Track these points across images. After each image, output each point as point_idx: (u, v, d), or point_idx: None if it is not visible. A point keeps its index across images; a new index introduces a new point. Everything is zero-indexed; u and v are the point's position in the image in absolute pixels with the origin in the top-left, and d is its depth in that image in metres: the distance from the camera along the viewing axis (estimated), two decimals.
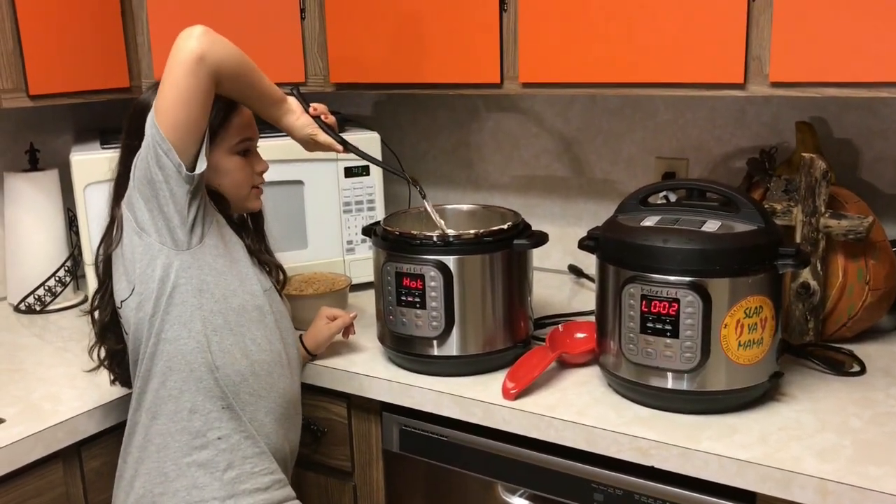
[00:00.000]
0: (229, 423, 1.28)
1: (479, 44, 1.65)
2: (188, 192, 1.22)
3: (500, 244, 1.47)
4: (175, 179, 1.21)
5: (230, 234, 1.33)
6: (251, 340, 1.30)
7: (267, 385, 1.32)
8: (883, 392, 1.37)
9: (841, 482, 1.11)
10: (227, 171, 1.34)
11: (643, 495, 1.29)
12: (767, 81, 1.40)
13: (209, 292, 1.26)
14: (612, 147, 1.97)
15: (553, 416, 1.33)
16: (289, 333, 1.39)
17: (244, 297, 1.30)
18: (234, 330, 1.28)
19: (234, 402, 1.29)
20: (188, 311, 1.25)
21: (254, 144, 1.39)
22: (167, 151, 1.19)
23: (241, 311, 1.29)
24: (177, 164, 1.20)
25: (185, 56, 1.17)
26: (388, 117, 2.26)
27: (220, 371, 1.27)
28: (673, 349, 1.28)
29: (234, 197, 1.36)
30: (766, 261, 1.28)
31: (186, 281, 1.25)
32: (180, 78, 1.18)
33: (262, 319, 1.32)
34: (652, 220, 1.37)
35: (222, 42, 1.21)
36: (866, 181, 1.70)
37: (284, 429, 1.36)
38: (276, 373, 1.33)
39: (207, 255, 1.27)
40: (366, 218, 1.93)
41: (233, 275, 1.29)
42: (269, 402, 1.32)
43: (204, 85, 1.19)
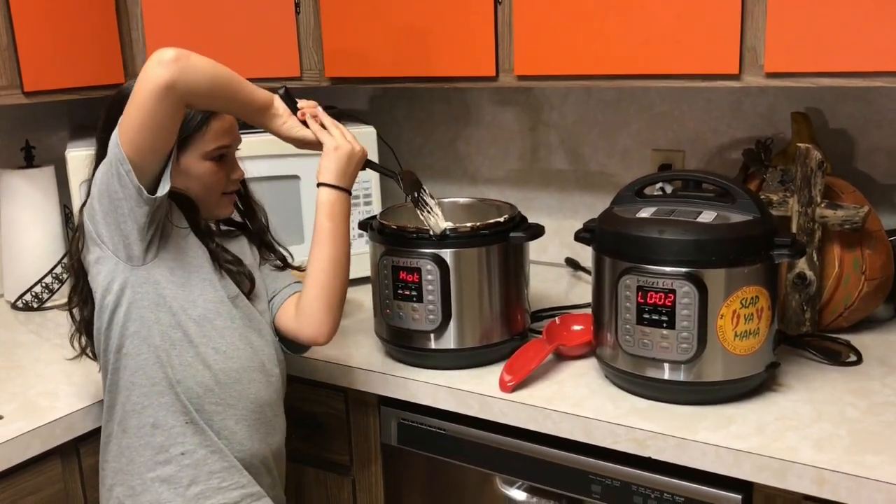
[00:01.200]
0: (193, 438, 1.27)
1: (475, 37, 1.64)
2: (147, 213, 1.19)
3: (496, 237, 1.47)
4: (135, 200, 1.18)
5: (191, 244, 1.29)
6: (213, 350, 1.27)
7: (235, 393, 1.29)
8: (879, 381, 1.37)
9: (837, 471, 1.12)
10: (198, 175, 1.30)
11: (640, 486, 1.29)
12: (762, 72, 1.40)
13: (166, 306, 1.24)
14: (608, 139, 1.97)
15: (550, 408, 1.33)
16: (262, 337, 1.35)
17: (205, 307, 1.27)
18: (195, 342, 1.26)
19: (197, 417, 1.27)
20: (146, 327, 1.24)
21: (231, 150, 1.35)
22: (128, 173, 1.16)
23: (201, 321, 1.26)
24: (137, 187, 1.17)
25: (153, 83, 1.12)
26: (384, 112, 2.26)
27: (182, 385, 1.25)
28: (669, 340, 1.28)
29: (203, 202, 1.32)
30: (762, 251, 1.28)
31: (143, 296, 1.23)
32: (147, 104, 1.13)
33: (226, 327, 1.28)
34: (648, 211, 1.37)
35: (195, 65, 1.15)
36: (862, 171, 1.70)
37: (262, 433, 1.34)
38: (244, 379, 1.30)
39: (164, 268, 1.24)
40: (362, 212, 1.93)
41: (192, 285, 1.26)
42: (240, 409, 1.30)
43: (171, 111, 1.15)
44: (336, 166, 1.31)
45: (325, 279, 1.31)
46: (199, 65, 1.16)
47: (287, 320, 1.37)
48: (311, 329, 1.32)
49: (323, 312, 1.31)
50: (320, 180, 1.32)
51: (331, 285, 1.31)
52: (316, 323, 1.32)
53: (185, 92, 1.14)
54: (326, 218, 1.31)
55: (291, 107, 1.32)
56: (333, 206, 1.31)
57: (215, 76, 1.18)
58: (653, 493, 1.28)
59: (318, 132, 1.32)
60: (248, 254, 1.41)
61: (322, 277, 1.31)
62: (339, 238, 1.32)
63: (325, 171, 1.32)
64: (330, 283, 1.31)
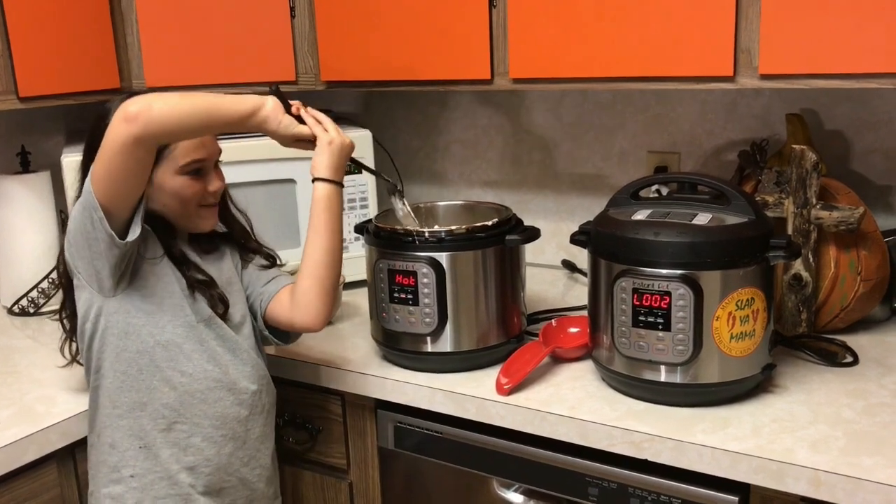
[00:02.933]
0: (144, 463, 1.31)
1: (470, 40, 1.65)
2: (118, 256, 1.23)
3: (492, 240, 1.47)
4: (107, 244, 1.21)
5: (164, 270, 1.30)
6: (180, 373, 1.30)
7: (199, 412, 1.32)
8: (875, 383, 1.37)
9: (834, 473, 1.12)
10: (172, 191, 1.29)
11: (637, 488, 1.29)
12: (757, 74, 1.40)
13: (135, 334, 1.28)
14: (603, 142, 1.98)
15: (547, 411, 1.33)
16: (237, 355, 1.36)
17: (174, 332, 1.29)
18: (161, 366, 1.29)
19: (154, 442, 1.30)
20: (115, 353, 1.29)
21: (208, 163, 1.33)
22: (101, 220, 1.19)
23: (169, 346, 1.29)
24: (109, 234, 1.20)
25: (120, 140, 1.14)
26: (381, 115, 2.26)
27: (148, 407, 1.30)
28: (665, 342, 1.28)
29: (180, 217, 1.33)
30: (758, 253, 1.28)
31: (114, 324, 1.28)
32: (116, 159, 1.16)
33: (193, 350, 1.31)
34: (643, 213, 1.37)
35: (160, 112, 1.15)
36: (857, 172, 1.71)
37: (230, 449, 1.35)
38: (210, 398, 1.32)
39: (135, 297, 1.28)
40: (359, 216, 1.93)
41: (162, 312, 1.29)
42: (206, 427, 1.32)
43: (142, 161, 1.18)
44: (331, 160, 1.32)
45: (322, 269, 1.34)
46: (164, 109, 1.16)
47: (281, 309, 1.39)
48: (308, 317, 1.35)
49: (318, 301, 1.34)
50: (317, 175, 1.33)
51: (326, 275, 1.34)
52: (313, 311, 1.34)
53: (153, 141, 1.17)
54: (324, 211, 1.33)
55: (283, 104, 1.31)
56: (331, 200, 1.33)
57: (184, 113, 1.18)
58: (650, 495, 1.28)
59: (313, 126, 1.32)
60: (228, 267, 1.41)
61: (319, 268, 1.34)
62: (334, 230, 1.34)
63: (321, 165, 1.32)
64: (326, 274, 1.34)
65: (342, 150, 1.34)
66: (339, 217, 1.35)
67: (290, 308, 1.37)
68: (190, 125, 1.20)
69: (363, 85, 1.86)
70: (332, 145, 1.32)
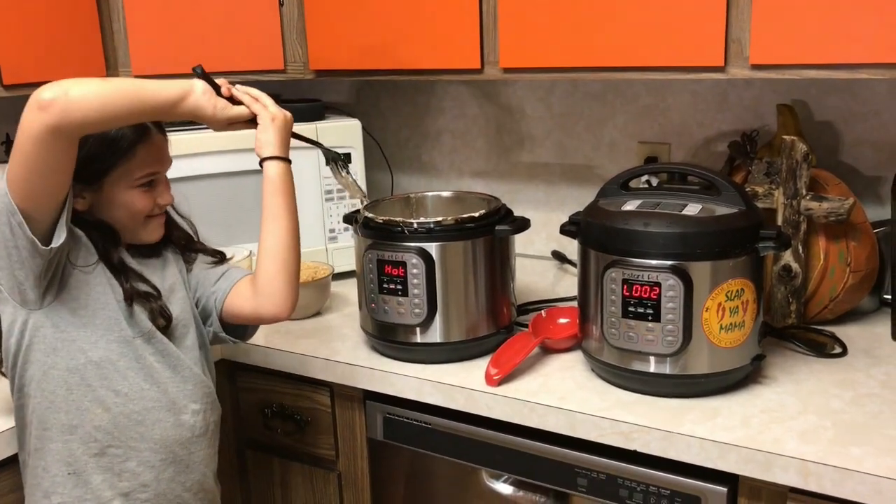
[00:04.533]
0: (73, 491, 1.22)
1: (459, 29, 1.63)
2: (42, 264, 1.13)
3: (481, 230, 1.46)
4: (29, 251, 1.11)
5: (97, 280, 1.20)
6: (114, 393, 1.21)
7: (136, 435, 1.23)
8: (864, 373, 1.38)
9: (822, 463, 1.12)
10: (122, 204, 1.22)
11: (626, 479, 1.29)
12: (748, 64, 1.39)
13: (65, 350, 1.19)
14: (594, 132, 1.97)
15: (536, 402, 1.33)
16: (178, 372, 1.27)
17: (107, 349, 1.20)
18: (93, 385, 1.20)
19: (85, 468, 1.21)
20: (41, 371, 1.19)
21: (160, 177, 1.27)
22: (20, 224, 1.09)
23: (102, 363, 1.20)
24: (30, 239, 1.10)
25: (35, 131, 1.04)
26: (370, 104, 2.24)
27: (79, 430, 1.20)
28: (655, 333, 1.28)
29: (127, 230, 1.25)
30: (747, 243, 1.28)
31: (40, 340, 1.18)
32: (33, 152, 1.05)
33: (129, 368, 1.22)
34: (633, 204, 1.36)
35: (77, 98, 1.05)
36: (847, 163, 1.70)
37: (171, 473, 1.27)
38: (147, 420, 1.23)
39: (64, 309, 1.18)
40: (348, 206, 1.92)
41: (95, 325, 1.20)
42: (142, 451, 1.24)
43: (62, 153, 1.07)
44: (276, 137, 1.25)
45: (284, 254, 1.26)
46: (82, 95, 1.06)
47: (243, 302, 1.30)
48: (274, 304, 1.27)
49: (284, 287, 1.26)
50: (265, 155, 1.25)
51: (289, 258, 1.27)
52: (280, 298, 1.26)
53: (73, 129, 1.06)
54: (277, 193, 1.26)
55: (212, 86, 1.21)
56: (284, 179, 1.26)
57: (106, 99, 1.08)
58: (638, 486, 1.28)
59: (250, 105, 1.24)
60: (171, 272, 1.32)
61: (281, 252, 1.26)
62: (291, 211, 1.27)
63: (268, 144, 1.25)
64: (288, 257, 1.27)
65: (286, 124, 1.26)
66: (293, 196, 1.27)
67: (253, 299, 1.28)
68: (112, 112, 1.09)
69: (352, 74, 1.84)
70: (276, 121, 1.25)
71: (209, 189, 1.77)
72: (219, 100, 1.21)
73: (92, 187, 1.21)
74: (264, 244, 1.27)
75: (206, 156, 1.78)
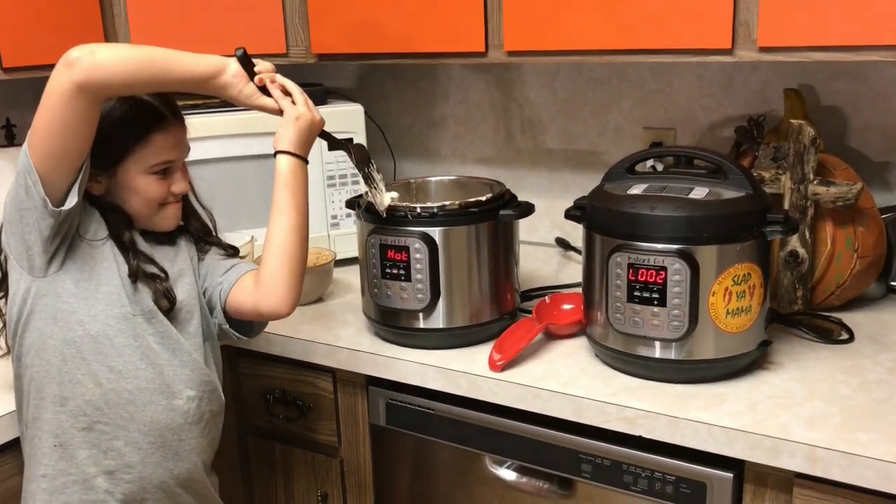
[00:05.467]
0: (57, 464, 1.21)
1: (464, 12, 1.61)
2: (52, 227, 1.14)
3: (485, 215, 1.45)
4: (40, 211, 1.13)
5: (104, 255, 1.21)
6: (108, 369, 1.20)
7: (125, 414, 1.22)
8: (871, 359, 1.36)
9: (830, 448, 1.11)
10: (137, 189, 1.23)
11: (631, 465, 1.28)
12: (755, 46, 1.38)
13: (64, 320, 1.19)
14: (599, 118, 1.95)
15: (540, 387, 1.32)
16: (177, 356, 1.25)
17: (105, 323, 1.20)
18: (88, 359, 1.20)
19: (72, 441, 1.21)
20: (41, 340, 1.20)
21: (177, 164, 1.27)
22: (35, 183, 1.12)
23: (99, 337, 1.20)
24: (42, 198, 1.12)
25: (61, 87, 1.08)
26: (373, 89, 2.23)
27: (70, 402, 1.20)
28: (660, 318, 1.26)
29: (142, 216, 1.26)
30: (755, 228, 1.27)
31: (42, 308, 1.19)
32: (57, 107, 1.09)
33: (126, 345, 1.21)
34: (639, 188, 1.35)
35: (104, 59, 1.09)
36: (854, 148, 1.69)
37: (157, 458, 1.25)
38: (138, 401, 1.22)
39: (68, 280, 1.19)
40: (350, 192, 1.91)
41: (96, 299, 1.20)
42: (131, 432, 1.22)
43: (85, 113, 1.10)
44: (296, 136, 1.25)
45: (288, 248, 1.25)
46: (110, 57, 1.10)
47: (245, 295, 1.28)
48: (275, 300, 1.25)
49: (286, 282, 1.24)
50: (279, 148, 1.25)
51: (293, 255, 1.25)
52: (280, 293, 1.24)
53: (97, 89, 1.10)
54: (286, 186, 1.25)
55: (249, 70, 1.22)
56: (294, 175, 1.25)
57: (132, 63, 1.12)
58: (643, 471, 1.27)
59: (279, 100, 1.25)
60: (182, 258, 1.31)
61: (285, 247, 1.25)
62: (299, 207, 1.26)
63: (285, 139, 1.25)
64: (292, 253, 1.25)
65: (311, 126, 1.26)
66: (303, 193, 1.26)
67: (254, 293, 1.27)
68: (138, 77, 1.13)
69: (355, 58, 1.82)
70: (300, 121, 1.24)
71: (214, 173, 1.76)
72: (247, 86, 1.22)
73: (107, 172, 1.22)
74: (269, 237, 1.26)
75: (212, 140, 1.76)
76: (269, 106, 1.25)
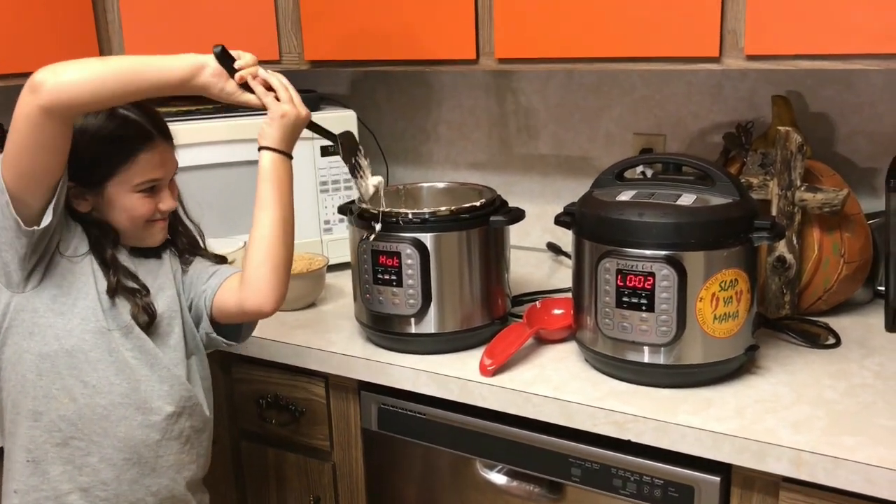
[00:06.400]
0: (29, 479, 1.21)
1: (455, 19, 1.63)
2: (27, 245, 1.14)
3: (476, 221, 1.46)
4: (14, 231, 1.12)
5: (82, 270, 1.21)
6: (82, 384, 1.20)
7: (99, 430, 1.21)
8: (857, 364, 1.38)
9: (815, 452, 1.12)
10: (123, 208, 1.22)
11: (620, 469, 1.29)
12: (743, 54, 1.39)
13: (40, 335, 1.19)
14: (589, 124, 1.97)
15: (531, 392, 1.33)
16: (154, 371, 1.24)
17: (81, 337, 1.19)
18: (63, 373, 1.19)
19: (45, 457, 1.20)
20: (17, 354, 1.20)
21: (163, 182, 1.26)
22: (7, 204, 1.11)
23: (74, 352, 1.19)
24: (14, 219, 1.11)
25: (26, 110, 1.07)
26: (366, 96, 2.24)
27: (45, 417, 1.20)
28: (649, 323, 1.28)
29: (129, 233, 1.25)
30: (742, 234, 1.28)
31: (19, 323, 1.19)
32: (25, 132, 1.07)
33: (100, 360, 1.20)
34: (627, 194, 1.36)
35: (69, 80, 1.07)
36: (841, 155, 1.71)
37: (133, 475, 1.24)
38: (113, 416, 1.21)
39: (45, 296, 1.19)
40: (343, 197, 1.92)
41: (73, 314, 1.19)
42: (105, 447, 1.22)
43: (54, 134, 1.08)
44: (280, 132, 1.23)
45: (272, 244, 1.23)
46: (75, 77, 1.07)
47: (230, 295, 1.27)
48: (258, 297, 1.23)
49: (269, 279, 1.22)
50: (263, 144, 1.24)
51: (277, 251, 1.23)
52: (263, 290, 1.22)
53: (64, 110, 1.08)
54: (269, 182, 1.23)
55: (229, 67, 1.20)
56: (277, 170, 1.24)
57: (99, 78, 1.09)
58: (632, 475, 1.28)
59: (262, 96, 1.22)
60: (164, 272, 1.30)
61: (268, 242, 1.23)
62: (283, 202, 1.24)
63: (268, 136, 1.23)
64: (276, 248, 1.23)
65: (295, 122, 1.24)
66: (287, 188, 1.25)
67: (239, 292, 1.25)
68: (106, 91, 1.10)
69: (347, 65, 1.84)
70: (285, 118, 1.22)
71: (205, 179, 1.77)
72: (228, 83, 1.19)
73: (93, 190, 1.22)
74: (252, 233, 1.25)
75: (204, 146, 1.77)
76: (252, 102, 1.22)
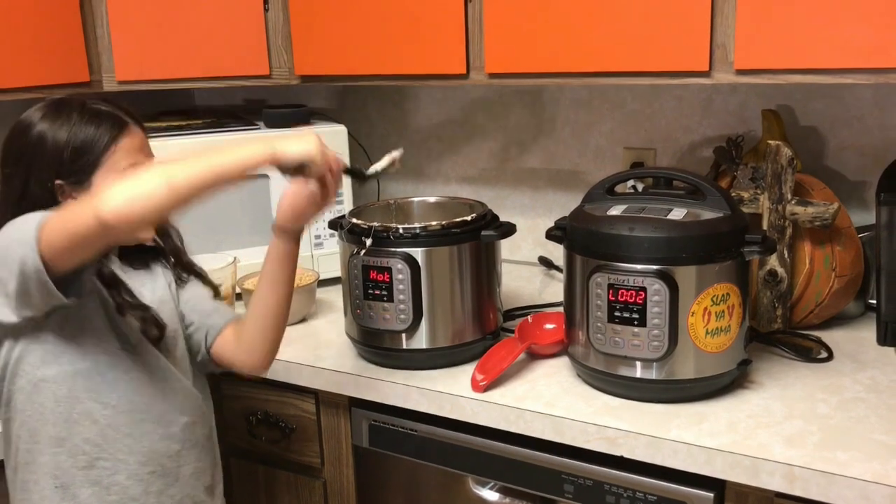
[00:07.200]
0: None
1: (445, 34, 1.63)
2: (49, 305, 1.12)
3: (467, 235, 1.46)
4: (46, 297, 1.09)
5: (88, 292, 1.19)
6: (101, 405, 1.20)
7: (124, 447, 1.22)
8: (850, 378, 1.38)
9: (808, 468, 1.11)
10: None
11: (613, 485, 1.28)
12: (732, 69, 1.40)
13: (54, 362, 1.18)
14: (580, 138, 1.97)
15: (522, 408, 1.32)
16: (168, 383, 1.26)
17: (95, 359, 1.19)
18: (81, 397, 1.19)
19: (73, 481, 1.20)
20: (31, 384, 1.19)
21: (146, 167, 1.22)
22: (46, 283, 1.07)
23: (90, 374, 1.19)
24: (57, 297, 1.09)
25: (85, 226, 1.03)
26: (356, 110, 2.24)
27: (68, 442, 1.19)
28: (640, 338, 1.27)
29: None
30: (733, 248, 1.28)
31: (30, 352, 1.18)
32: (78, 234, 1.04)
33: (118, 379, 1.21)
34: (618, 208, 1.36)
35: (143, 207, 1.02)
36: (832, 168, 1.71)
37: (159, 486, 1.25)
38: (137, 432, 1.22)
39: (51, 321, 1.17)
40: (333, 212, 1.91)
41: (84, 337, 1.19)
42: (131, 464, 1.23)
43: (104, 243, 1.08)
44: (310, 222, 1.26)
45: (272, 319, 1.29)
46: (144, 208, 1.03)
47: (226, 348, 1.32)
48: (253, 361, 1.31)
49: (266, 347, 1.30)
50: (288, 228, 1.25)
51: (277, 325, 1.30)
52: (257, 356, 1.30)
53: (126, 226, 1.03)
54: (278, 264, 1.27)
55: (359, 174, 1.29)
56: (291, 254, 1.27)
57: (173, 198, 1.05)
58: (625, 492, 1.27)
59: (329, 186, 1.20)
60: (160, 285, 1.31)
61: (270, 318, 1.29)
62: (288, 283, 1.29)
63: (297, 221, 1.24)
64: (276, 323, 1.30)
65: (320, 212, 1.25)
66: (293, 268, 1.29)
67: (235, 347, 1.31)
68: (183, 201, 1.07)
69: (337, 79, 1.84)
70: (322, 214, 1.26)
71: None
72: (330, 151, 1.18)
73: (82, 186, 1.20)
74: (256, 307, 1.29)
75: None
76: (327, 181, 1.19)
